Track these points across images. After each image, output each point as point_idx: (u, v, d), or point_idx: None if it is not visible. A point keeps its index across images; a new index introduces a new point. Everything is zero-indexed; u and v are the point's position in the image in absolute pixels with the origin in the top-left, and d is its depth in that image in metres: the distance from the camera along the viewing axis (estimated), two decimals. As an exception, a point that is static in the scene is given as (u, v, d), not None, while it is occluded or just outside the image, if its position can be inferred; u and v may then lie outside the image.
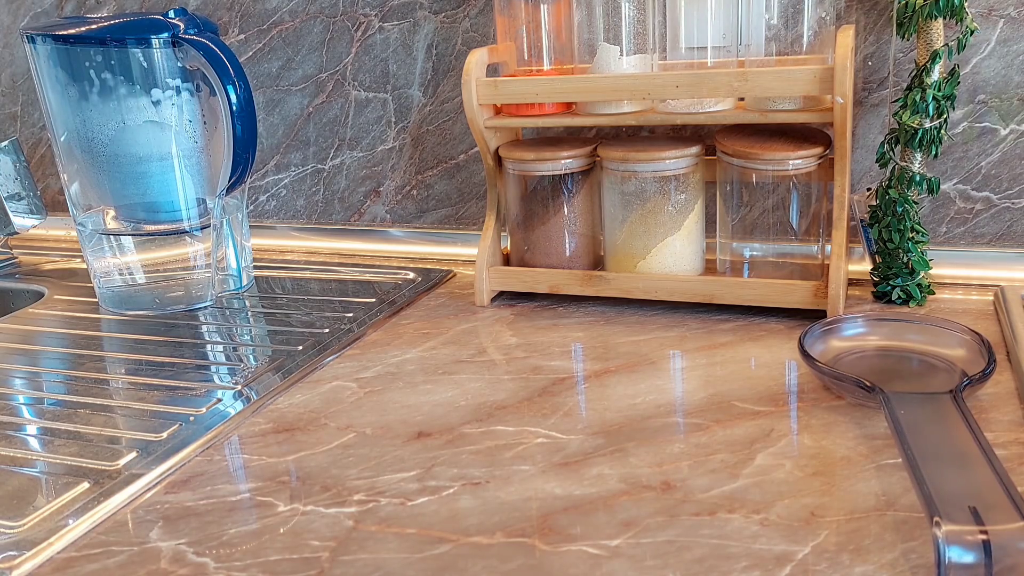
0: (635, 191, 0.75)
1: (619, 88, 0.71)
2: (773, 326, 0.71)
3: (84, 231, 0.82)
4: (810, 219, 0.74)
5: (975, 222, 0.78)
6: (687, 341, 0.69)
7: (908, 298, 0.73)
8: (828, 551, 0.42)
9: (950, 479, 0.43)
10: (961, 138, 0.77)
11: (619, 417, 0.57)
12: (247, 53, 0.99)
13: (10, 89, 1.13)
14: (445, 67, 0.92)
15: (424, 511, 0.48)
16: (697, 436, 0.54)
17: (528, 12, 0.77)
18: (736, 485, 0.48)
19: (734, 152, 0.72)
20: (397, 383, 0.65)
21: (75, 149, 0.79)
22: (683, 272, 0.76)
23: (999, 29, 0.73)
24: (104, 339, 0.78)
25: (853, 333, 0.64)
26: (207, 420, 0.60)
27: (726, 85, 0.68)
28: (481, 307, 0.80)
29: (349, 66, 0.95)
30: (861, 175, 0.80)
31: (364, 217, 1.00)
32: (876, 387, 0.53)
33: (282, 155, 1.01)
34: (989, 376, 0.55)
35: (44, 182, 1.15)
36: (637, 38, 0.74)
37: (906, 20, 0.69)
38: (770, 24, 0.70)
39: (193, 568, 0.44)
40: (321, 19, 0.95)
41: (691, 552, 0.43)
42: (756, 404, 0.58)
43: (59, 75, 0.76)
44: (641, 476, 0.50)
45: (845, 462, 0.50)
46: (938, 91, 0.68)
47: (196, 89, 0.79)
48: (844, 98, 0.65)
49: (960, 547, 0.38)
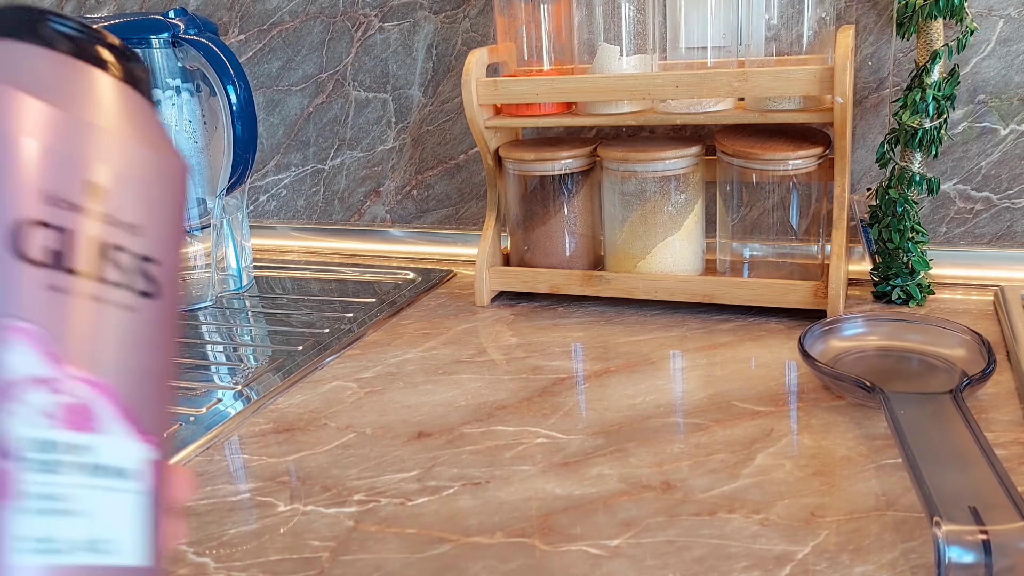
0: (635, 191, 0.75)
1: (619, 88, 0.71)
2: (773, 326, 0.71)
3: (84, 231, 0.82)
4: (810, 219, 0.74)
5: (975, 222, 0.78)
6: (687, 341, 0.69)
7: (908, 298, 0.73)
8: (828, 551, 0.42)
9: (950, 479, 0.43)
10: (961, 138, 0.77)
11: (619, 417, 0.57)
12: (247, 53, 0.99)
13: (10, 89, 1.13)
14: (445, 67, 0.92)
15: (424, 511, 0.48)
16: (697, 436, 0.54)
17: (528, 12, 0.77)
18: (736, 485, 0.49)
19: (734, 152, 0.72)
20: (397, 383, 0.65)
21: (75, 149, 0.79)
22: (683, 272, 0.76)
23: (999, 29, 0.73)
24: (104, 339, 0.78)
25: (853, 333, 0.64)
26: (207, 420, 0.60)
27: (726, 85, 0.68)
28: (481, 307, 0.80)
29: (349, 66, 0.95)
30: (861, 175, 0.80)
31: (364, 217, 1.00)
32: (876, 387, 0.53)
33: (282, 155, 1.01)
34: (989, 376, 0.55)
35: (44, 182, 1.15)
36: (637, 38, 0.74)
37: (906, 20, 0.69)
38: (770, 24, 0.70)
39: (193, 568, 0.44)
40: (321, 19, 0.95)
41: (691, 552, 0.43)
42: (756, 404, 0.58)
43: (59, 75, 0.76)
44: (641, 476, 0.50)
45: (845, 462, 0.50)
46: (938, 91, 0.68)
47: (196, 89, 0.79)
48: (844, 98, 0.65)
49: (960, 547, 0.38)
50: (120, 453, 0.26)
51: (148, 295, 0.28)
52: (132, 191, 0.28)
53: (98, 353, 0.26)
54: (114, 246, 0.27)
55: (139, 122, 0.29)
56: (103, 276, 0.27)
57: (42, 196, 0.26)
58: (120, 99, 0.29)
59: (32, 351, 0.25)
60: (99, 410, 0.26)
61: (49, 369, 0.25)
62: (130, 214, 0.28)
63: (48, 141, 0.26)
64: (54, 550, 0.24)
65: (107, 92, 0.29)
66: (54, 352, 0.25)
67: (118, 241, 0.27)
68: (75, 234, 0.26)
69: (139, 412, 0.27)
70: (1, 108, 0.26)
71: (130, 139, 0.29)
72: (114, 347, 0.27)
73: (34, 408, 0.25)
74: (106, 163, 0.28)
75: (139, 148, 0.29)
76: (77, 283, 0.26)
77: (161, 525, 0.27)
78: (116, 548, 0.26)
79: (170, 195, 0.30)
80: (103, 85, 0.29)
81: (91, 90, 0.28)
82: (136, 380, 0.27)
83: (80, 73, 0.28)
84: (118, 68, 0.29)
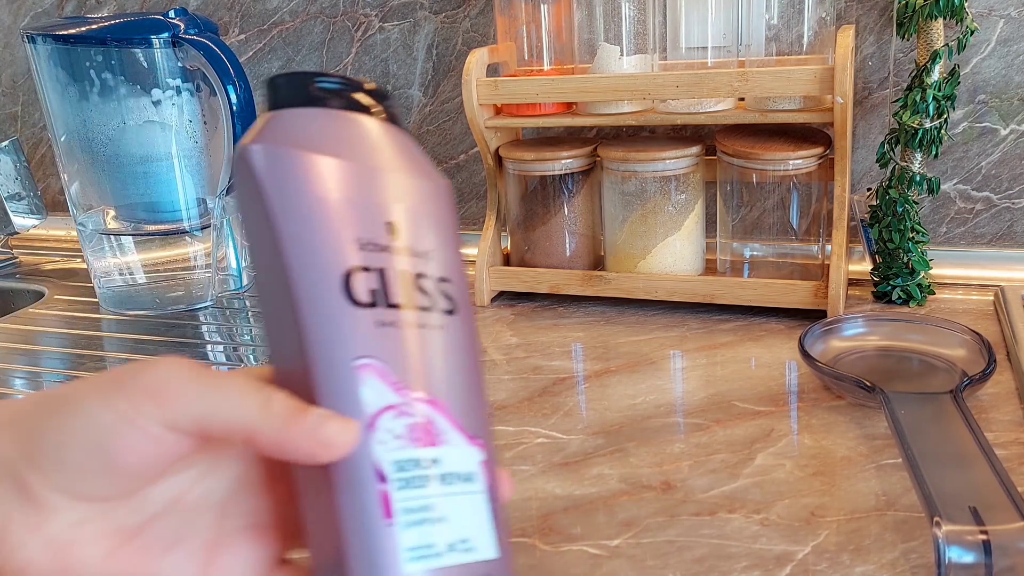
0: (635, 191, 0.75)
1: (619, 88, 0.71)
2: (773, 326, 0.71)
3: (84, 231, 0.82)
4: (810, 219, 0.74)
5: (975, 222, 0.78)
6: (687, 341, 0.69)
7: (908, 298, 0.73)
8: (828, 551, 0.42)
9: (950, 479, 0.43)
10: (961, 138, 0.77)
11: (619, 417, 0.57)
12: (247, 53, 0.99)
13: (11, 89, 1.13)
14: (445, 67, 0.92)
15: (424, 511, 0.48)
16: (697, 436, 0.54)
17: (528, 12, 0.77)
18: (736, 485, 0.48)
19: (734, 152, 0.72)
20: (397, 383, 0.65)
21: (75, 149, 0.79)
22: (683, 272, 0.76)
23: (999, 29, 0.73)
24: (104, 339, 0.78)
25: (853, 333, 0.64)
26: (207, 420, 0.60)
27: (726, 85, 0.68)
28: (481, 307, 0.80)
29: (349, 66, 0.95)
30: (861, 175, 0.80)
31: (364, 217, 1.00)
32: (876, 387, 0.53)
33: (282, 155, 1.01)
34: (989, 376, 0.55)
35: (44, 182, 1.15)
36: (637, 38, 0.74)
37: (906, 20, 0.69)
38: (770, 24, 0.70)
39: (194, 568, 0.44)
40: (321, 19, 0.95)
41: (691, 552, 0.43)
42: (756, 404, 0.58)
43: (59, 75, 0.76)
44: (641, 476, 0.50)
45: (845, 462, 0.50)
46: (938, 91, 0.68)
47: (196, 89, 0.79)
48: (844, 98, 0.65)
49: (960, 547, 0.38)
50: (461, 459, 0.29)
51: (451, 312, 0.31)
52: (421, 221, 0.31)
53: (427, 373, 0.29)
54: (418, 275, 0.30)
55: (409, 155, 0.33)
56: (417, 304, 0.30)
57: (358, 244, 0.29)
58: (390, 138, 0.32)
59: (380, 383, 0.28)
60: (439, 424, 0.29)
61: (396, 396, 0.28)
62: (423, 242, 0.31)
63: (350, 193, 0.30)
64: (433, 555, 0.27)
65: (379, 135, 0.32)
66: (395, 380, 0.28)
67: (420, 269, 0.31)
68: (388, 271, 0.29)
69: (465, 420, 0.30)
70: (306, 172, 0.29)
71: (408, 173, 0.32)
72: (437, 365, 0.30)
73: (392, 433, 0.28)
74: (398, 201, 0.31)
75: (417, 180, 0.32)
76: (399, 315, 0.29)
77: (500, 518, 0.30)
78: (475, 545, 0.29)
79: (446, 216, 0.33)
80: (375, 129, 0.32)
81: (367, 136, 0.32)
82: (457, 391, 0.30)
83: (355, 123, 0.31)
84: (381, 110, 0.32)
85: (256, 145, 0.30)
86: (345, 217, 0.29)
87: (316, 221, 0.29)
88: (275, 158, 0.30)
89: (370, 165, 0.31)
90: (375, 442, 0.28)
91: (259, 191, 0.29)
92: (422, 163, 0.33)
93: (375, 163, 0.31)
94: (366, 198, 0.30)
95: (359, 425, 0.27)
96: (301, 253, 0.29)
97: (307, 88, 0.31)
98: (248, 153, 0.29)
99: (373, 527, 0.27)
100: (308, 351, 0.28)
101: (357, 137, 0.31)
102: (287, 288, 0.28)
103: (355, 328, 0.28)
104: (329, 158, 0.30)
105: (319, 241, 0.29)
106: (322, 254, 0.29)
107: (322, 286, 0.28)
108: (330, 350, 0.28)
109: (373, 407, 0.28)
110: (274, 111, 0.31)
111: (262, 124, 0.31)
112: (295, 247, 0.29)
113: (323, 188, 0.29)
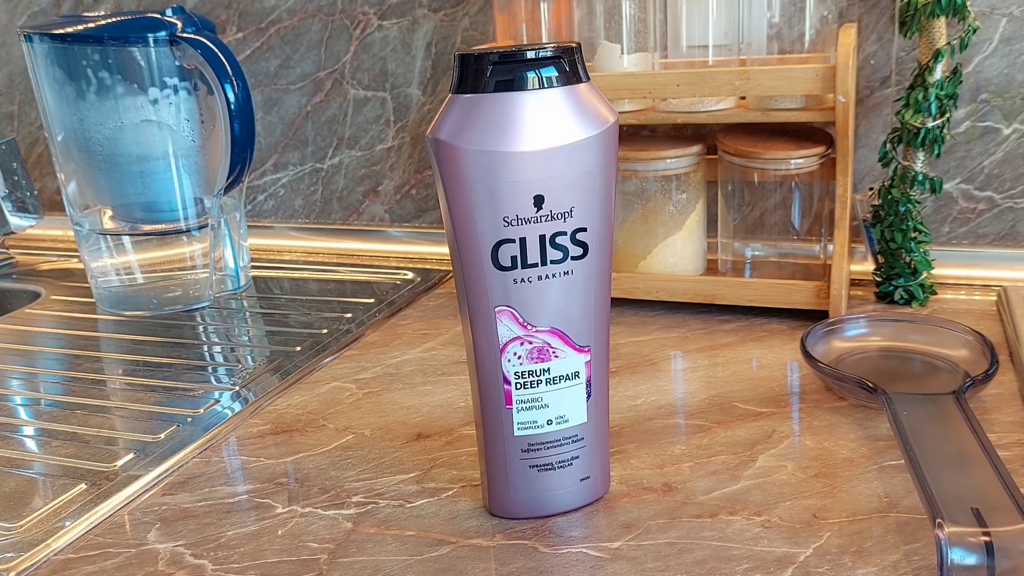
0: (636, 190, 0.75)
1: (620, 87, 0.71)
2: (775, 326, 0.70)
3: (81, 231, 0.82)
4: (812, 219, 0.74)
5: (978, 222, 0.78)
6: (688, 342, 0.69)
7: (910, 298, 0.73)
8: (830, 553, 0.42)
9: (953, 480, 0.42)
10: (964, 137, 0.76)
11: (620, 418, 0.57)
12: (245, 52, 0.98)
13: (7, 88, 1.13)
14: (444, 65, 0.91)
15: (423, 513, 0.48)
16: (698, 437, 0.54)
17: (528, 10, 0.76)
18: (738, 487, 0.48)
19: (736, 151, 0.71)
20: (396, 384, 0.64)
21: (72, 148, 0.79)
22: (684, 272, 0.76)
23: (1002, 28, 0.73)
24: (101, 339, 0.78)
25: (855, 334, 0.63)
26: (205, 421, 0.60)
27: (727, 84, 0.68)
28: (481, 307, 0.79)
29: (348, 65, 0.95)
30: (863, 174, 0.80)
31: (363, 217, 1.00)
32: (878, 388, 0.53)
33: (280, 154, 1.01)
34: (992, 377, 0.55)
35: (41, 182, 1.15)
36: (638, 36, 0.73)
37: (908, 18, 0.68)
38: (772, 22, 0.69)
39: (191, 570, 0.44)
40: (319, 17, 0.95)
41: (692, 554, 0.43)
42: (758, 405, 0.58)
43: (56, 74, 0.76)
44: (642, 477, 0.50)
45: (847, 463, 0.50)
46: (940, 90, 0.68)
47: (194, 88, 0.78)
48: (846, 97, 0.65)
49: (963, 549, 0.37)
50: (569, 365, 0.43)
51: (581, 256, 0.41)
52: (567, 182, 0.39)
53: (549, 311, 0.41)
54: (555, 234, 0.40)
55: (570, 113, 0.39)
56: (549, 259, 0.40)
57: (504, 222, 0.39)
58: (554, 104, 0.39)
59: (511, 322, 0.41)
60: (553, 344, 0.42)
61: (522, 330, 0.41)
62: (565, 202, 0.40)
63: (504, 178, 0.39)
64: (536, 427, 0.43)
65: (544, 106, 0.39)
66: (521, 320, 0.41)
67: (558, 229, 0.40)
68: (528, 240, 0.40)
69: (577, 335, 0.42)
70: (466, 163, 0.38)
71: (566, 138, 0.39)
72: (558, 303, 0.41)
73: (516, 355, 0.42)
74: (548, 175, 0.39)
75: (571, 147, 0.39)
76: (530, 272, 0.40)
77: (599, 393, 0.44)
78: (569, 417, 0.44)
79: (601, 159, 0.40)
80: (539, 103, 0.39)
81: (529, 115, 0.39)
82: (573, 317, 0.42)
83: (519, 104, 0.39)
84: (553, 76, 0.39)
85: (430, 136, 0.39)
86: (497, 199, 0.39)
87: (473, 205, 0.39)
88: (445, 150, 0.38)
89: (525, 149, 0.38)
90: (504, 360, 0.42)
91: (437, 176, 0.40)
92: (585, 112, 0.39)
93: (533, 142, 0.38)
94: (518, 177, 0.38)
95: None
96: (462, 229, 0.40)
97: (480, 72, 0.38)
98: (428, 142, 0.40)
99: (499, 410, 0.43)
100: (466, 298, 0.41)
101: (517, 121, 0.38)
102: (456, 252, 0.41)
103: (496, 285, 0.40)
104: (486, 150, 0.38)
105: (474, 221, 0.39)
106: (476, 232, 0.39)
107: (475, 256, 0.40)
108: (478, 299, 0.41)
109: (505, 338, 0.41)
110: (456, 95, 0.39)
111: (443, 111, 0.39)
112: (458, 224, 0.40)
113: (480, 176, 0.38)
